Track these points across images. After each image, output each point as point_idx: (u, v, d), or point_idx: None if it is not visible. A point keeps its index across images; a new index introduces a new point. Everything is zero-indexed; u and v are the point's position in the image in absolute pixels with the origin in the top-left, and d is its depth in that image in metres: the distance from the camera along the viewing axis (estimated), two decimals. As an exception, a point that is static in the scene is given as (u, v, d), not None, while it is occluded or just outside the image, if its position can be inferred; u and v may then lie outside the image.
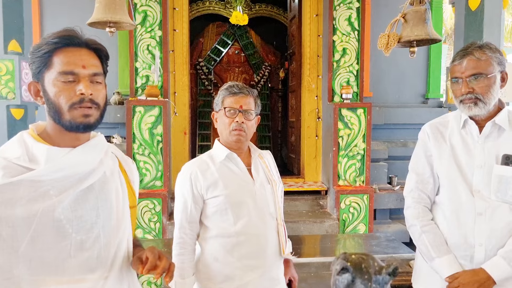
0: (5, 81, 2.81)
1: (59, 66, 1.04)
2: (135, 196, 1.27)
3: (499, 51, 1.51)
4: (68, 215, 1.02)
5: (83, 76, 1.05)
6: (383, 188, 4.37)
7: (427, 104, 5.20)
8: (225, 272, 1.64)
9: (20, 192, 0.97)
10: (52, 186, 1.01)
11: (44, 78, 1.05)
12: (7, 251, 0.97)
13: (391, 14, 2.95)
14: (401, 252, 2.86)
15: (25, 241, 0.98)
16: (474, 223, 1.51)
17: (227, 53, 6.73)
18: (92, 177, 1.07)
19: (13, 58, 2.82)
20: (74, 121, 1.05)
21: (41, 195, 0.99)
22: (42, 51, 1.04)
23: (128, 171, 1.25)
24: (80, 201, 1.05)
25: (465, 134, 1.59)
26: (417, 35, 2.60)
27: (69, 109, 1.04)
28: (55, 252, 1.01)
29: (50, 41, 1.04)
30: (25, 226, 0.97)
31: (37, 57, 1.05)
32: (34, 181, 0.99)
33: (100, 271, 1.08)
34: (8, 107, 2.82)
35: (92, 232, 1.06)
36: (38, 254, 0.99)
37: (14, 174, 0.98)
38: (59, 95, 1.04)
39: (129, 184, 1.24)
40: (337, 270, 0.94)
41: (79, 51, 1.07)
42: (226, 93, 1.69)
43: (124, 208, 1.16)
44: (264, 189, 1.70)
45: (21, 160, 1.01)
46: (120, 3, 2.35)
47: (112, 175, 1.14)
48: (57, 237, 1.01)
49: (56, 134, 1.08)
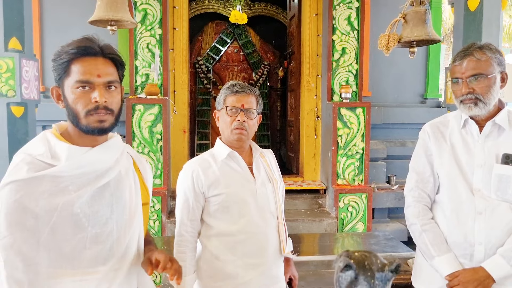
0: (5, 79, 2.79)
1: (76, 75, 1.11)
2: (148, 193, 1.34)
3: (499, 52, 1.53)
4: (85, 210, 1.10)
5: (98, 85, 1.13)
6: (381, 187, 4.39)
7: (426, 103, 5.22)
8: (226, 270, 1.65)
9: (43, 186, 1.06)
10: (72, 182, 1.09)
11: (64, 85, 1.14)
12: (30, 240, 1.04)
13: (391, 14, 2.97)
14: (400, 251, 2.88)
15: (45, 232, 1.05)
16: (474, 222, 1.52)
17: (226, 51, 6.73)
18: (108, 175, 1.15)
19: (13, 55, 2.80)
20: (89, 126, 1.13)
21: (61, 190, 1.08)
22: (61, 60, 1.12)
23: (142, 170, 1.33)
24: (96, 197, 1.13)
25: (465, 133, 1.60)
26: (417, 36, 2.62)
27: (85, 115, 1.12)
28: (72, 243, 1.09)
29: (69, 50, 1.12)
30: (46, 218, 1.05)
31: (57, 65, 1.13)
32: (55, 176, 1.07)
33: (111, 263, 1.15)
34: (8, 105, 2.80)
35: (107, 227, 1.14)
36: (57, 245, 1.07)
37: (37, 169, 1.06)
38: (76, 102, 1.12)
39: (143, 182, 1.31)
40: (341, 267, 0.95)
41: (95, 60, 1.14)
42: (228, 92, 1.69)
43: (136, 206, 1.24)
44: (265, 188, 1.71)
45: (44, 156, 1.09)
46: (122, 2, 2.35)
47: (126, 174, 1.22)
48: (74, 229, 1.09)
49: (76, 135, 1.16)
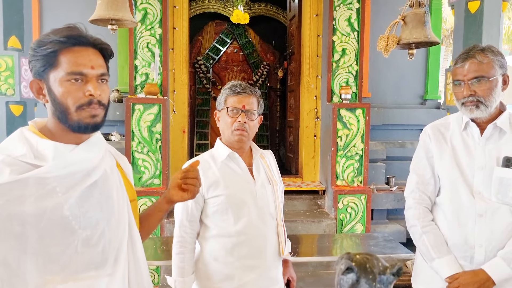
0: (5, 77, 2.79)
1: (67, 66, 1.02)
2: (133, 189, 1.28)
3: (501, 54, 1.52)
4: (75, 212, 1.02)
5: (91, 77, 1.05)
6: (380, 189, 4.38)
7: (425, 105, 5.23)
8: (225, 271, 1.65)
9: (28, 189, 0.96)
10: (58, 183, 1.00)
11: (49, 77, 1.03)
12: (17, 248, 0.96)
13: (391, 16, 2.96)
14: (399, 252, 2.88)
15: (34, 239, 0.97)
16: (474, 224, 1.52)
17: (226, 51, 6.74)
18: (95, 173, 1.08)
19: (12, 54, 2.80)
20: (82, 121, 1.04)
21: (48, 193, 0.99)
22: (47, 49, 1.01)
23: (124, 166, 1.26)
24: (85, 197, 1.05)
25: (466, 136, 1.60)
26: (416, 38, 2.62)
27: (77, 110, 1.03)
28: (62, 248, 1.01)
29: (56, 39, 1.02)
30: (35, 223, 0.97)
31: (41, 55, 1.02)
32: (41, 178, 0.98)
33: (104, 267, 1.08)
34: (7, 104, 2.81)
35: (97, 228, 1.07)
36: (46, 251, 0.99)
37: (20, 171, 0.97)
38: (66, 95, 1.03)
39: (126, 178, 1.25)
40: (342, 269, 0.95)
41: (86, 50, 1.05)
42: (229, 92, 1.69)
43: (123, 205, 1.17)
44: (265, 189, 1.71)
45: (26, 157, 0.99)
46: (123, 1, 2.34)
47: (112, 172, 1.15)
48: (64, 233, 1.01)
49: (59, 132, 1.07)
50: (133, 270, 1.18)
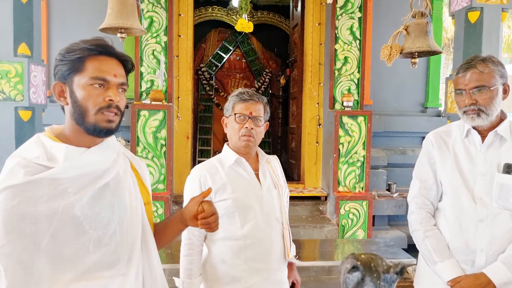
0: (14, 83, 2.84)
1: (92, 71, 1.09)
2: (148, 193, 1.31)
3: (501, 64, 1.57)
4: (86, 212, 1.06)
5: (113, 84, 1.11)
6: (382, 195, 4.41)
7: (426, 113, 5.27)
8: (231, 274, 1.68)
9: (41, 190, 1.01)
10: (70, 184, 1.04)
11: (73, 81, 1.09)
12: (30, 247, 1.00)
13: (392, 25, 3.03)
14: (400, 258, 2.92)
15: (46, 238, 1.01)
16: (475, 229, 1.56)
17: (229, 59, 6.81)
18: (107, 175, 1.11)
19: (22, 60, 2.84)
20: (98, 124, 1.09)
21: (60, 193, 1.03)
22: (75, 55, 1.08)
23: (139, 170, 1.30)
24: (97, 198, 1.09)
25: (468, 143, 1.64)
26: (418, 47, 2.68)
27: (96, 113, 1.09)
28: (74, 248, 1.05)
29: (85, 47, 1.09)
30: (47, 223, 1.01)
31: (68, 60, 1.09)
32: (53, 179, 1.02)
33: (117, 267, 1.11)
34: (16, 109, 2.84)
35: (109, 229, 1.10)
36: (58, 250, 1.02)
37: (34, 173, 1.01)
38: (87, 98, 1.08)
39: (141, 181, 1.28)
40: (348, 268, 0.98)
41: (111, 60, 1.12)
42: (237, 99, 1.73)
43: (137, 207, 1.20)
44: (271, 194, 1.74)
45: (40, 159, 1.04)
46: (132, 10, 2.40)
47: (125, 175, 1.19)
48: (76, 233, 1.05)
49: (75, 136, 1.12)
50: (148, 271, 1.21)
